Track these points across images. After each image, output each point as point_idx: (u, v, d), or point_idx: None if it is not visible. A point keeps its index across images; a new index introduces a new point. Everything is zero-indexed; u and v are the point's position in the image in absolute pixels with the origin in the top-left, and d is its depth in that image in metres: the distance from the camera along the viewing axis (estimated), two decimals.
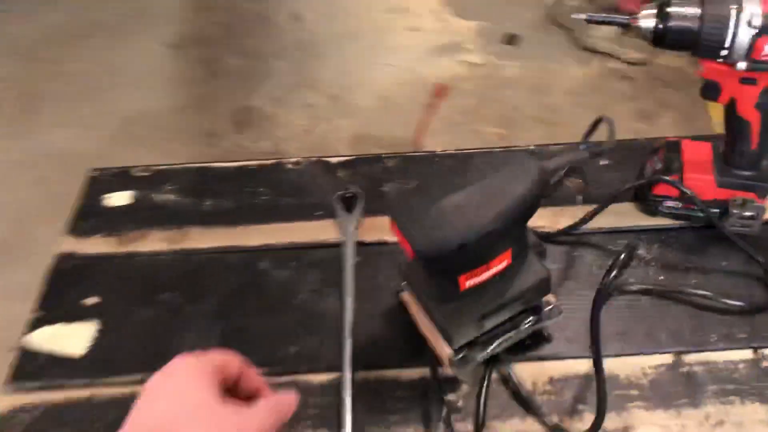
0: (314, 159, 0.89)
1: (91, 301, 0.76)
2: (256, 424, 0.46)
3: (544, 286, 0.66)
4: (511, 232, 0.61)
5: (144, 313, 0.74)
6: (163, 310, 0.75)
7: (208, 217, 0.83)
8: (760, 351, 0.68)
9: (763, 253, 0.74)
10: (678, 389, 0.66)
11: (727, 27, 0.64)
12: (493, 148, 0.90)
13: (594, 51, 2.40)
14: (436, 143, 2.23)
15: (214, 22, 2.68)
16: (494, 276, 0.63)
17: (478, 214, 0.57)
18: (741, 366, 0.67)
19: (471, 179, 0.60)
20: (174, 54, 2.57)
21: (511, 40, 2.46)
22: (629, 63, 2.37)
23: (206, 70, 2.51)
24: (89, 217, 0.84)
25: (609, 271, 0.62)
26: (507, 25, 2.51)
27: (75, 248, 0.81)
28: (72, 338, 0.73)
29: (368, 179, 0.86)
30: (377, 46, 2.48)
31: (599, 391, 0.60)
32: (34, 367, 0.70)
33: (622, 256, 0.63)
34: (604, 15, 0.70)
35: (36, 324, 0.74)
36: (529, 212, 0.61)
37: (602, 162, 0.86)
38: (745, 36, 0.64)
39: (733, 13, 0.64)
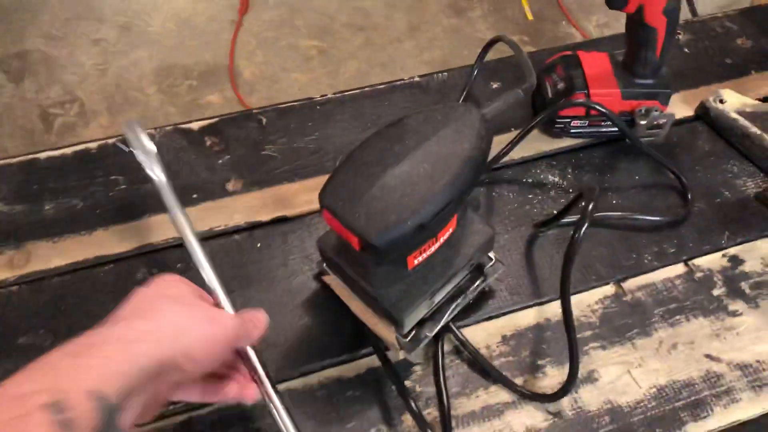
0: (170, 128, 0.74)
1: None
2: (222, 324, 0.46)
3: (489, 245, 0.60)
4: (464, 197, 0.53)
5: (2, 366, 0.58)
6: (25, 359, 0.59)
7: (53, 227, 0.66)
8: (690, 263, 0.67)
9: (672, 160, 0.73)
10: (627, 321, 0.64)
11: None
12: (377, 84, 0.79)
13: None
14: (251, 64, 2.06)
15: None
16: (441, 246, 0.55)
17: (430, 185, 0.48)
18: (678, 283, 0.66)
19: (409, 145, 0.50)
20: None
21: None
22: None
23: None
24: None
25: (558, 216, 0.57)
26: None
27: None
28: None
29: (245, 144, 0.73)
30: None
31: (571, 348, 0.56)
32: None
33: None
34: None
35: None
36: (481, 170, 0.53)
37: (494, 85, 0.79)
38: None
39: None
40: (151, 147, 0.56)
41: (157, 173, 0.56)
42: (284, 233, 0.67)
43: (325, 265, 0.62)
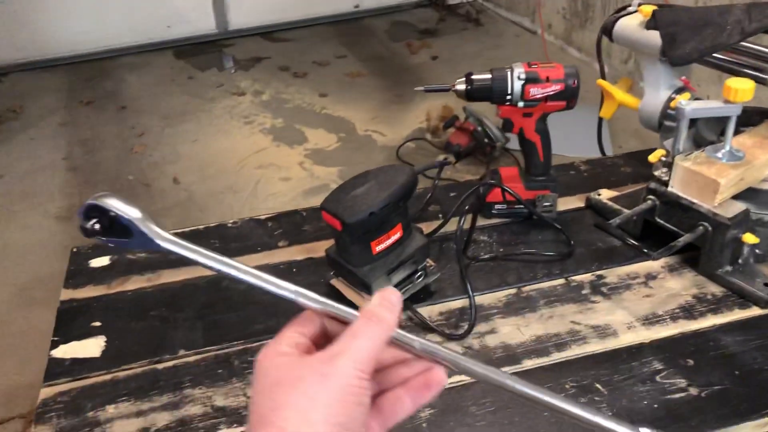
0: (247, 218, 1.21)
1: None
2: (339, 369, 0.44)
3: (425, 250, 1.00)
4: (400, 208, 0.95)
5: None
6: (155, 320, 1.00)
7: (175, 262, 1.10)
8: (569, 278, 1.04)
9: (567, 229, 1.13)
10: (521, 305, 1.00)
11: (506, 81, 1.06)
12: None
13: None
14: None
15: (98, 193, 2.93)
16: (394, 243, 0.96)
17: (378, 194, 0.92)
18: (558, 287, 1.03)
19: (369, 178, 0.95)
20: (62, 225, 2.77)
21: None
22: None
23: None
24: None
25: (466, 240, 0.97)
26: (362, 167, 2.98)
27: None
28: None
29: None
30: (256, 195, 2.85)
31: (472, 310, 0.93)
32: (62, 368, 0.92)
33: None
34: (435, 85, 1.10)
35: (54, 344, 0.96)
36: (408, 194, 0.96)
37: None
38: (518, 85, 1.06)
39: (509, 72, 1.06)
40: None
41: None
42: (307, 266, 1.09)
43: (332, 273, 1.02)
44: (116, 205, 0.52)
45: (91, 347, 0.95)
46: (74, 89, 3.63)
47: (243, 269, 0.52)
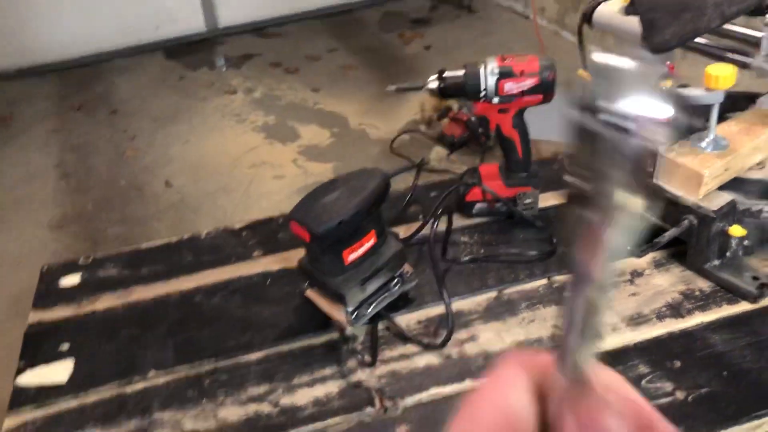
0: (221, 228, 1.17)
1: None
2: None
3: (401, 256, 0.96)
4: (372, 214, 0.91)
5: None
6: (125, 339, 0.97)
7: (145, 279, 1.07)
8: (552, 278, 1.00)
9: (544, 222, 1.09)
10: (502, 309, 0.96)
11: (479, 77, 1.02)
12: None
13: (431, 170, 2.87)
14: None
15: (91, 200, 2.91)
16: (367, 251, 0.93)
17: (348, 201, 0.88)
18: (540, 288, 0.99)
19: (338, 184, 0.91)
20: (55, 234, 2.75)
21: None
22: None
23: (89, 242, 2.70)
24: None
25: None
26: (356, 162, 2.94)
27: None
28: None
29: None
30: (249, 195, 2.81)
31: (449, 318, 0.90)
32: (28, 396, 0.89)
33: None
34: (407, 84, 1.06)
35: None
36: (381, 199, 0.92)
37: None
38: (492, 81, 1.02)
39: (482, 68, 1.02)
40: None
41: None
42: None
43: (306, 284, 0.99)
44: None
45: (59, 372, 0.93)
46: (64, 95, 3.60)
47: None
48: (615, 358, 0.87)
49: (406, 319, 0.96)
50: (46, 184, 2.96)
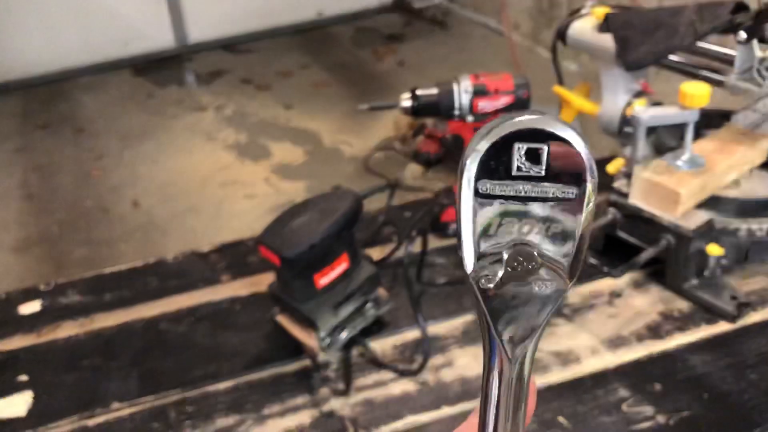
0: (188, 252, 1.14)
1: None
2: None
3: (374, 280, 0.93)
4: (344, 237, 0.88)
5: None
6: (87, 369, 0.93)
7: (108, 306, 1.03)
8: None
9: None
10: (479, 333, 0.93)
11: (453, 95, 1.00)
12: None
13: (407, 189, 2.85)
14: None
15: (56, 222, 2.84)
16: (339, 275, 0.90)
17: (319, 224, 0.85)
18: None
19: (309, 206, 0.88)
20: (19, 257, 2.67)
21: (337, 189, 2.86)
22: None
23: (53, 264, 2.63)
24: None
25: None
26: (330, 180, 2.92)
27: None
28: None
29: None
30: (220, 215, 2.76)
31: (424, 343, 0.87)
32: None
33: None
34: (379, 103, 1.04)
35: None
36: (353, 222, 0.89)
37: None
38: (465, 100, 1.01)
39: (455, 86, 1.01)
40: None
41: None
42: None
43: (277, 309, 0.95)
44: None
45: (17, 404, 0.88)
46: (28, 113, 3.52)
47: None
48: (595, 382, 0.85)
49: (380, 345, 0.93)
50: (9, 205, 2.89)
